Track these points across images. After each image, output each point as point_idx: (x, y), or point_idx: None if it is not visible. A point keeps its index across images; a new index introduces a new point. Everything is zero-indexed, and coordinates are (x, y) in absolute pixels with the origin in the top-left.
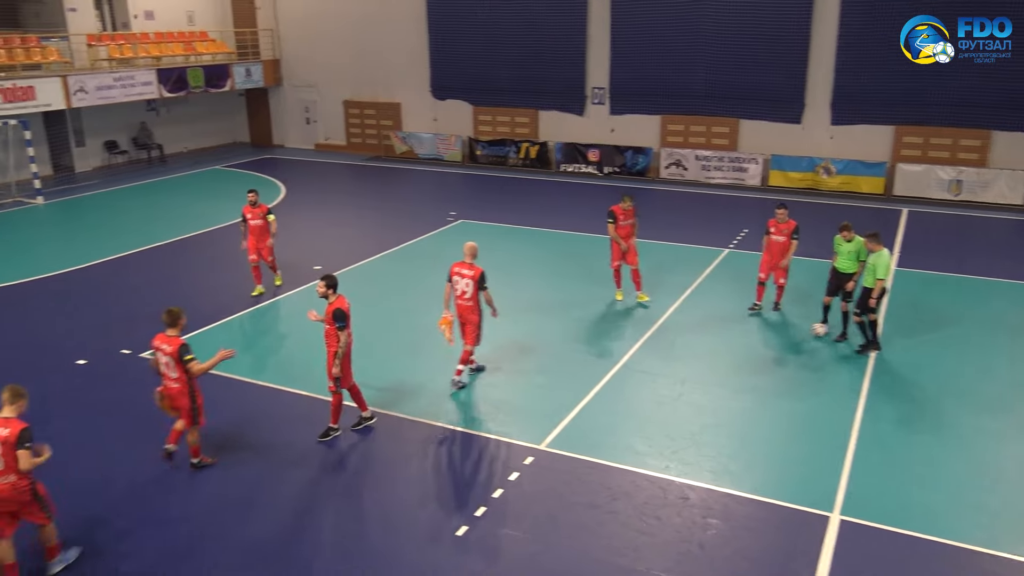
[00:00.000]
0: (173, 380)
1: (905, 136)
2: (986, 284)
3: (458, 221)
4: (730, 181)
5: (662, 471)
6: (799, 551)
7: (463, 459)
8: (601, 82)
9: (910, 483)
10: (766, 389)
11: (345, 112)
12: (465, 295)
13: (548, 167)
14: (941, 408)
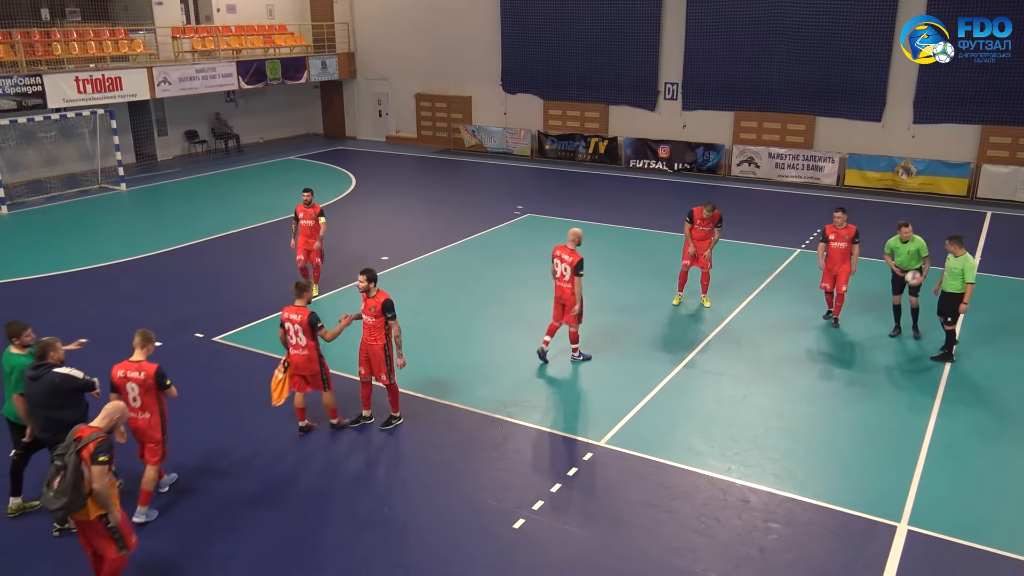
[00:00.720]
0: (301, 348)
1: (992, 136)
2: None
3: (525, 215)
4: (804, 180)
5: (723, 473)
6: (863, 561)
7: (521, 452)
8: (674, 77)
9: (983, 496)
10: (834, 394)
11: (416, 105)
12: (564, 278)
13: (617, 163)
14: (1019, 420)
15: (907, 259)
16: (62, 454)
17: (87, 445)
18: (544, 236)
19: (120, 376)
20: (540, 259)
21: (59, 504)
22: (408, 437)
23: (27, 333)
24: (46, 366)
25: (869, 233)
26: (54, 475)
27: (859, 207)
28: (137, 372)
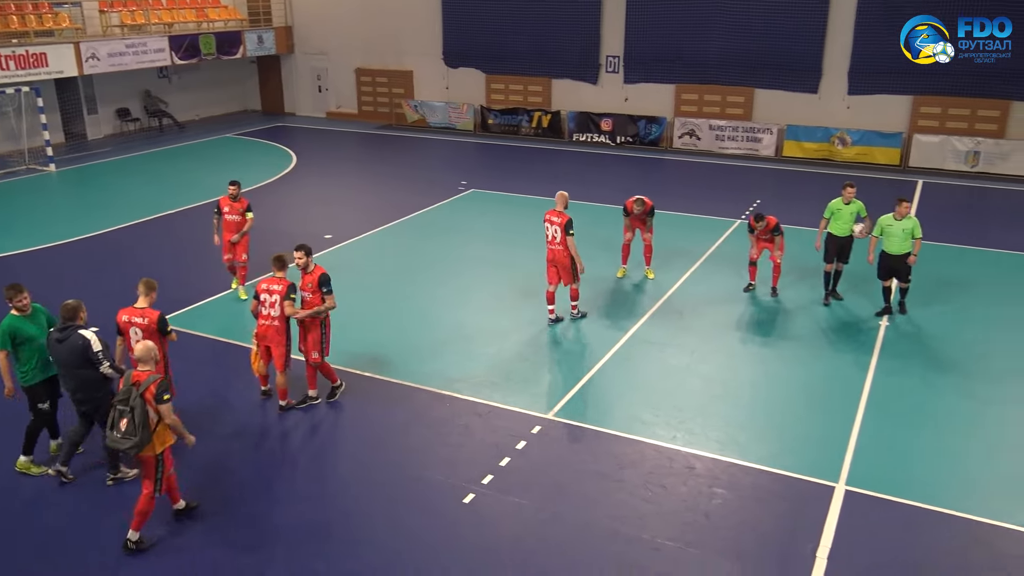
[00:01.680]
0: (273, 319)
1: (922, 106)
2: (1001, 256)
3: (470, 190)
4: (744, 151)
5: (669, 441)
6: (803, 521)
7: (470, 428)
8: (615, 50)
9: (915, 454)
10: (775, 360)
11: (357, 80)
12: (555, 240)
13: (560, 136)
14: (948, 380)
15: (848, 220)
16: (125, 399)
17: (148, 387)
18: (489, 211)
19: (125, 321)
20: (486, 234)
21: (132, 443)
22: (355, 416)
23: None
24: (72, 327)
25: (806, 203)
26: (119, 418)
27: (797, 177)
28: (141, 318)
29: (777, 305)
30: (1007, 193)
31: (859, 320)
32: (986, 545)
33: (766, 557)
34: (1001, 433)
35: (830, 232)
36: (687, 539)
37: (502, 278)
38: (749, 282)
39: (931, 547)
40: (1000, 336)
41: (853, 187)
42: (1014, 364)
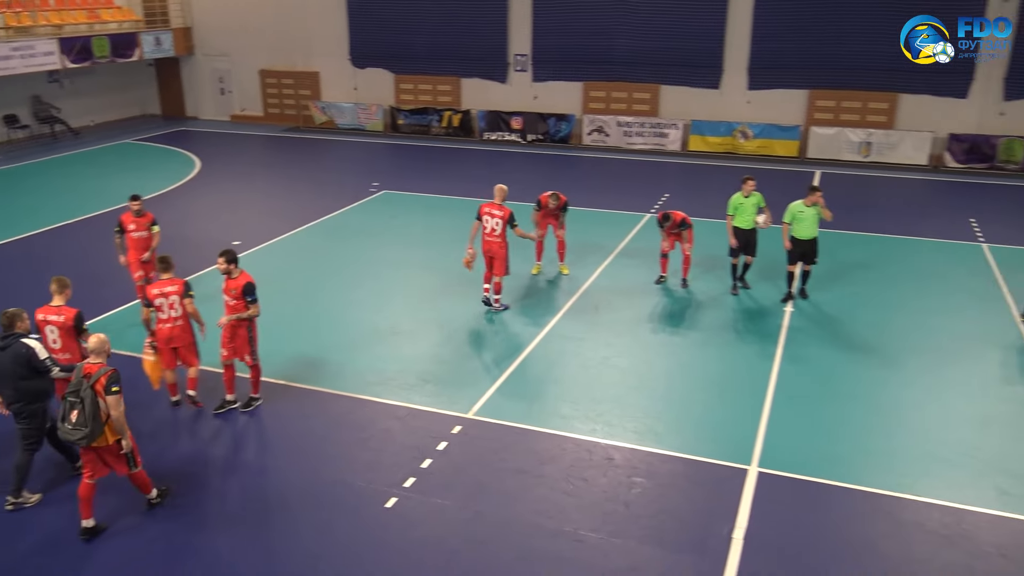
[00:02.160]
0: (176, 320)
1: (818, 100)
2: (894, 241)
3: (381, 192)
4: (651, 147)
5: (588, 434)
6: (719, 504)
7: (390, 431)
8: (523, 49)
9: (822, 433)
10: (687, 350)
11: (261, 82)
12: (494, 232)
13: (471, 135)
14: (850, 361)
15: (750, 213)
16: (76, 391)
17: (99, 379)
18: (402, 212)
19: (40, 319)
20: (400, 235)
21: (82, 434)
22: (273, 425)
23: None
24: (14, 336)
25: (713, 195)
26: (70, 410)
27: (703, 170)
28: (57, 315)
29: (688, 296)
30: (897, 181)
31: (766, 308)
32: (888, 515)
33: (685, 541)
34: (899, 409)
35: (736, 226)
36: (609, 529)
37: (417, 279)
38: (660, 274)
39: (839, 521)
40: (896, 317)
41: (752, 180)
42: (909, 343)
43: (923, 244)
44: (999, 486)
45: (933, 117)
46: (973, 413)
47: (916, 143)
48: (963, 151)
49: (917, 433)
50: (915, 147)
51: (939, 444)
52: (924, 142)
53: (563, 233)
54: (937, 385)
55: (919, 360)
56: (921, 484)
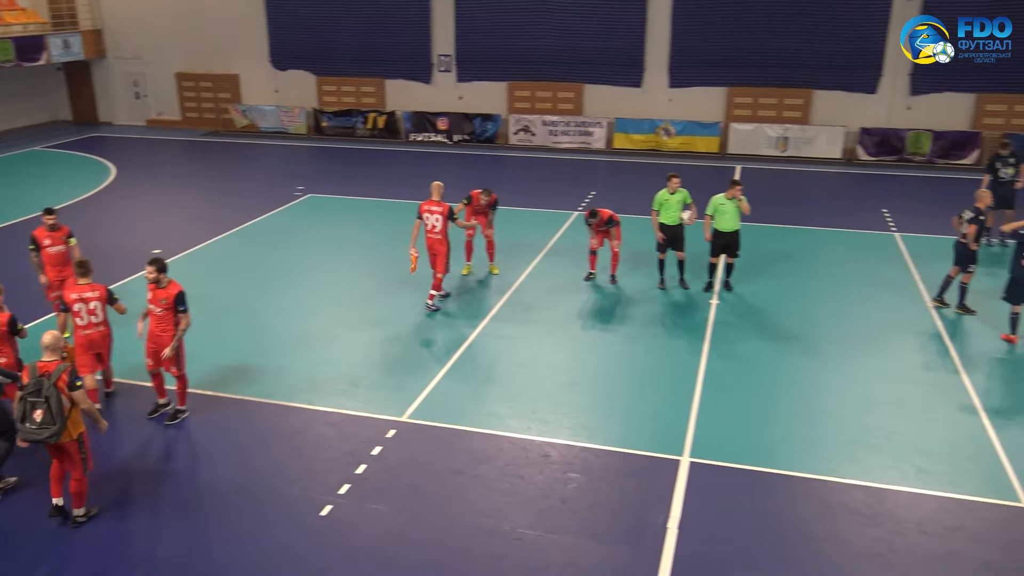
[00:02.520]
0: (98, 325)
1: (736, 97)
2: (812, 232)
3: (307, 196)
4: (577, 145)
5: (523, 432)
6: (654, 495)
7: (324, 438)
8: (447, 49)
9: (750, 421)
10: (618, 345)
11: (178, 85)
12: (435, 229)
13: (397, 137)
14: (774, 350)
15: (676, 209)
16: (37, 390)
17: (60, 376)
18: (329, 216)
19: None
20: (326, 239)
21: (51, 432)
22: (202, 437)
23: None
24: None
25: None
26: (31, 410)
27: (628, 168)
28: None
29: (617, 292)
30: (814, 174)
31: (693, 301)
32: (816, 498)
33: (621, 533)
34: (822, 396)
35: (662, 222)
36: (546, 525)
37: (345, 283)
38: (589, 271)
39: (770, 506)
40: (816, 306)
41: (677, 178)
42: (830, 331)
43: (840, 235)
44: (917, 465)
45: (845, 112)
46: (891, 397)
47: (830, 137)
48: (874, 144)
49: (840, 418)
50: (829, 141)
51: (861, 428)
52: (838, 136)
53: (492, 233)
54: (857, 371)
55: (839, 348)
56: (845, 467)
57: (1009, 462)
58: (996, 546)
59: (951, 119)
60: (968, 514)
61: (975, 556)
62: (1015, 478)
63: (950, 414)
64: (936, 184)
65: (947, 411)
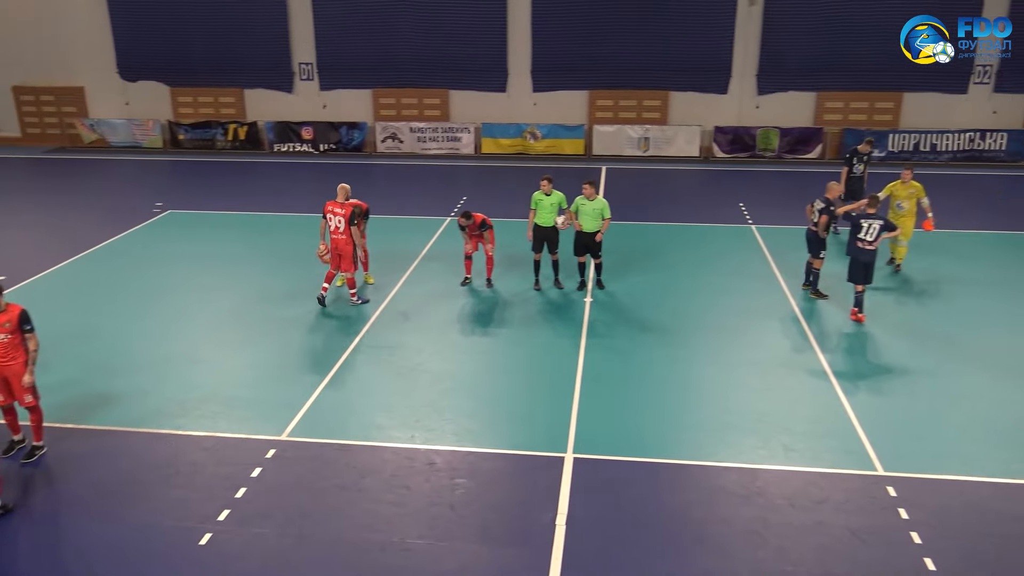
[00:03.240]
0: None
1: (598, 100)
2: (676, 228)
3: (166, 212)
4: (446, 151)
5: (407, 441)
6: (541, 494)
7: (198, 463)
8: (308, 57)
9: (629, 414)
10: (498, 347)
11: (16, 99)
12: (338, 230)
13: (260, 148)
14: (648, 343)
15: (550, 211)
16: None
17: None
18: (191, 232)
19: None
20: (190, 257)
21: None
22: (63, 472)
23: None
24: None
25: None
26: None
27: (497, 172)
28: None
29: (494, 295)
30: (674, 172)
31: (568, 300)
32: (695, 482)
33: (511, 534)
34: (695, 385)
35: (537, 223)
36: (436, 533)
37: (212, 301)
38: (465, 276)
39: (652, 494)
40: (684, 299)
41: (549, 180)
42: (698, 322)
43: (702, 229)
44: (784, 444)
45: (700, 112)
46: (757, 381)
47: (688, 136)
48: (728, 142)
49: (712, 405)
50: (687, 140)
51: (731, 413)
52: (695, 135)
53: (365, 241)
54: (725, 358)
55: (708, 337)
56: (720, 451)
57: (864, 434)
58: (858, 513)
59: (796, 116)
60: (832, 485)
61: (840, 524)
62: (871, 448)
63: (810, 393)
64: (786, 177)
65: (807, 391)
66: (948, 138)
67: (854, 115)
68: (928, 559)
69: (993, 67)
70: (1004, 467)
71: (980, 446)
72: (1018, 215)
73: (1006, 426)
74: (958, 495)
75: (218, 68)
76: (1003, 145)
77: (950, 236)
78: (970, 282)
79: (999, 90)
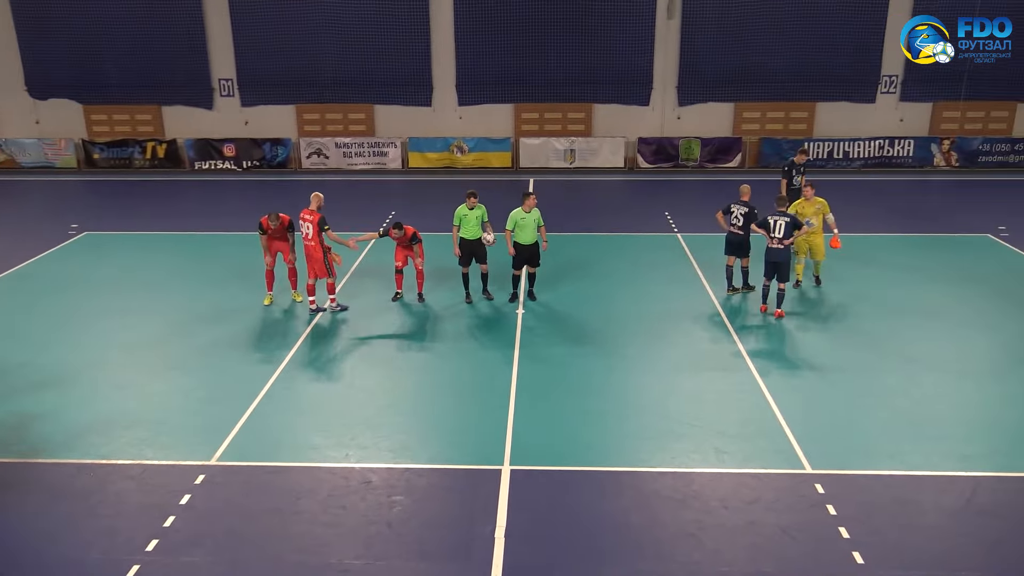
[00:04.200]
0: None
1: (523, 113)
2: (603, 238)
3: (83, 234)
4: (373, 166)
5: (343, 460)
6: (479, 507)
7: (123, 493)
8: (228, 73)
9: (564, 424)
10: (432, 362)
11: None
12: (308, 236)
13: (180, 166)
14: (581, 353)
15: (475, 225)
16: None
17: None
18: (109, 255)
19: None
20: (109, 281)
21: None
22: None
23: None
24: None
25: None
26: None
27: (425, 186)
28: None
29: (426, 310)
30: (601, 183)
31: (500, 312)
32: (632, 488)
33: (450, 550)
34: (629, 392)
35: (462, 237)
36: (374, 553)
37: (135, 325)
38: (396, 291)
39: (590, 502)
40: (615, 307)
41: (475, 196)
42: (630, 330)
43: (630, 239)
44: (716, 447)
45: (624, 124)
46: (689, 387)
47: (613, 148)
48: (651, 152)
49: (646, 411)
50: (612, 151)
51: (664, 418)
52: (619, 147)
53: (293, 259)
54: (657, 365)
55: (639, 344)
56: (654, 456)
57: (792, 433)
58: (788, 512)
59: (716, 127)
60: (762, 485)
61: (772, 523)
62: (798, 447)
63: (739, 395)
64: (708, 186)
65: (737, 393)
66: (860, 145)
67: (771, 124)
68: (856, 552)
69: (898, 77)
70: (926, 460)
71: (904, 440)
72: (926, 218)
73: (927, 419)
74: (884, 489)
75: (134, 85)
76: (911, 151)
77: (866, 239)
78: (887, 282)
79: (905, 99)
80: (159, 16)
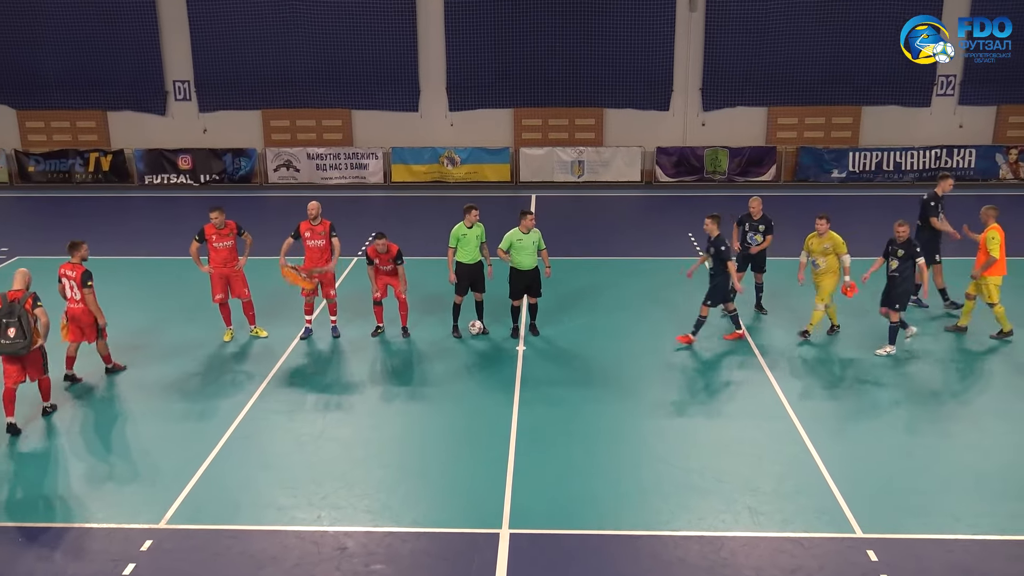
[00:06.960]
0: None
1: (524, 119)
2: (615, 263)
3: (13, 258)
4: (350, 180)
5: (313, 523)
6: None
7: (56, 561)
8: (184, 75)
9: (572, 479)
10: (417, 407)
11: None
12: (317, 248)
13: (128, 180)
14: (588, 397)
15: (474, 246)
16: (10, 312)
17: (27, 300)
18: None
19: None
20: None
21: (22, 344)
22: None
23: None
24: None
25: (424, 229)
26: (6, 328)
27: (411, 202)
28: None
29: (410, 346)
30: (614, 199)
31: (498, 349)
32: (650, 555)
33: None
34: (645, 441)
35: (459, 261)
36: None
37: None
38: (377, 325)
39: (601, 570)
40: (628, 343)
41: (476, 209)
42: (645, 369)
43: (647, 263)
44: (750, 506)
45: (640, 132)
46: (717, 436)
47: (627, 159)
48: (672, 164)
49: (666, 464)
50: (627, 163)
51: (688, 473)
52: (635, 157)
53: (248, 292)
54: (677, 411)
55: (656, 386)
56: (677, 517)
57: (839, 491)
58: None
59: (746, 135)
60: (804, 551)
61: None
62: (845, 506)
63: (775, 445)
64: (737, 203)
65: (772, 442)
66: (913, 155)
67: (809, 132)
68: None
69: (957, 77)
70: (994, 523)
71: (969, 500)
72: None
73: (995, 475)
74: (945, 555)
75: (75, 87)
76: (972, 162)
77: None
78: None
79: (964, 102)
80: (104, 7)
